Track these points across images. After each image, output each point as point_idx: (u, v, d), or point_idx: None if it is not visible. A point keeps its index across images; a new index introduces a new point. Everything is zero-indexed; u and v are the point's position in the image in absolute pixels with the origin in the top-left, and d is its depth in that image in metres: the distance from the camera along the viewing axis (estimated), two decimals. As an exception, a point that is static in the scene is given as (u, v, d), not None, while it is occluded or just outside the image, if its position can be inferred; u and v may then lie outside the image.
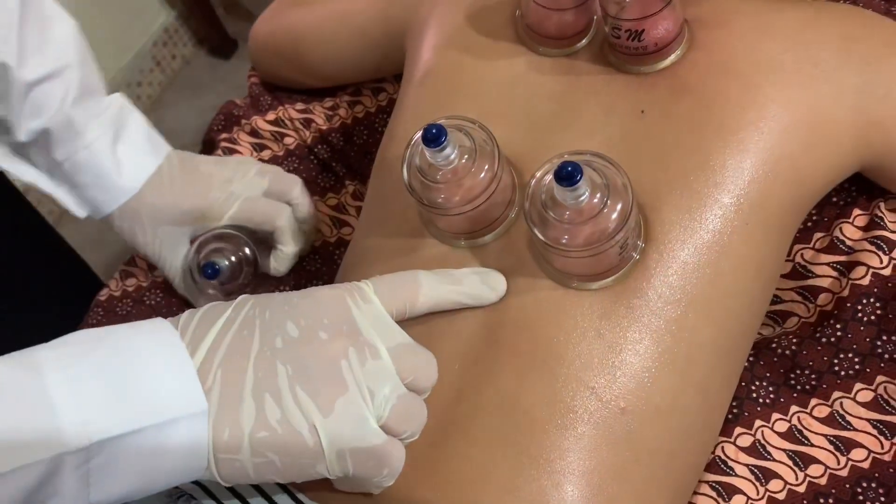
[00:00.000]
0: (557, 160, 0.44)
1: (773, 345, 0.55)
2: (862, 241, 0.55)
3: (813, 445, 0.52)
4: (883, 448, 0.51)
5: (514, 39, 0.56)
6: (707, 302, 0.47)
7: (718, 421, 0.52)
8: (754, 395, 0.54)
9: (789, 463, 0.52)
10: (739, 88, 0.49)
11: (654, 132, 0.50)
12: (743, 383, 0.54)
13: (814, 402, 0.53)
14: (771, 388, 0.54)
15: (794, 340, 0.55)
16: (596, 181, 0.44)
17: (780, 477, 0.52)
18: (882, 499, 0.50)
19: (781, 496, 0.52)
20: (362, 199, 0.73)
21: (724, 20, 0.52)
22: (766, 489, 0.52)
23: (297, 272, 0.71)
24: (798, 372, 0.54)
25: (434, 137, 0.44)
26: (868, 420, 0.52)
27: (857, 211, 0.56)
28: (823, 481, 0.51)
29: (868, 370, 0.53)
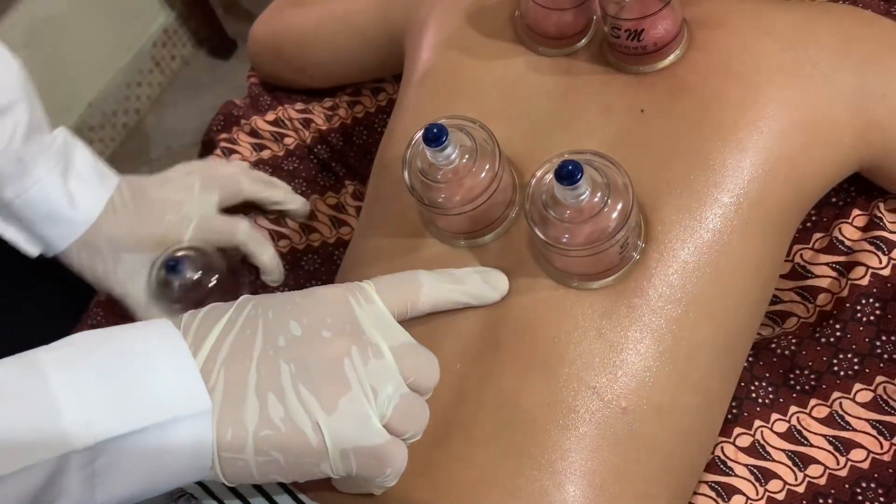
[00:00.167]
0: (558, 159, 0.44)
1: (773, 345, 0.55)
2: (861, 241, 0.55)
3: (812, 446, 0.52)
4: (882, 448, 0.51)
5: (514, 39, 0.56)
6: (707, 301, 0.47)
7: (718, 420, 0.52)
8: (753, 395, 0.54)
9: (788, 463, 0.52)
10: (738, 88, 0.49)
11: (654, 132, 0.50)
12: (742, 383, 0.54)
13: (813, 402, 0.53)
14: (770, 389, 0.54)
15: (794, 341, 0.55)
16: (596, 180, 0.44)
17: (779, 477, 0.52)
18: (881, 499, 0.50)
19: (781, 496, 0.52)
20: (362, 198, 0.73)
21: (724, 20, 0.52)
22: (766, 489, 0.52)
23: (295, 272, 0.71)
24: (797, 372, 0.54)
25: (435, 137, 0.44)
26: (867, 420, 0.52)
27: (856, 211, 0.56)
28: (823, 481, 0.51)
29: (867, 370, 0.53)
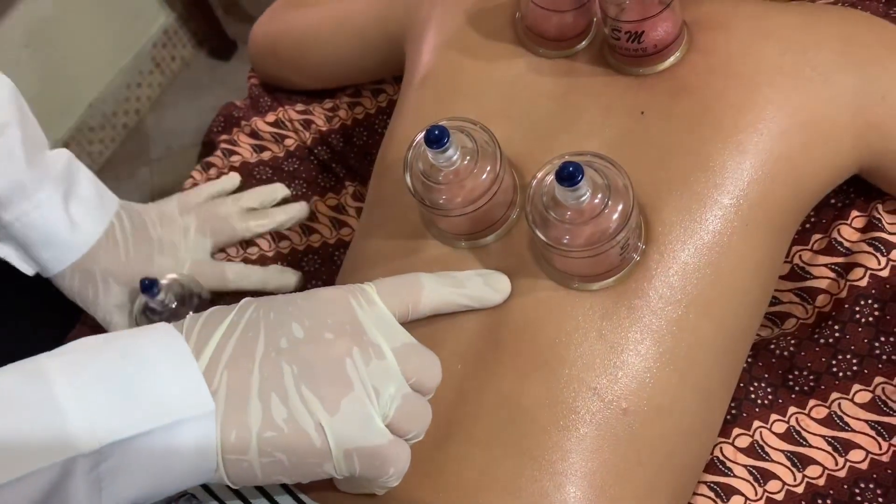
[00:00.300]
0: (558, 161, 0.44)
1: (772, 346, 0.55)
2: (860, 242, 0.55)
3: (811, 446, 0.52)
4: (881, 449, 0.51)
5: (514, 41, 0.56)
6: (707, 302, 0.47)
7: (718, 421, 0.52)
8: (753, 395, 0.55)
9: (787, 464, 0.52)
10: (738, 90, 0.49)
11: (654, 133, 0.50)
12: (741, 384, 0.55)
13: (812, 402, 0.53)
14: (769, 389, 0.55)
15: (793, 341, 0.55)
16: (597, 182, 0.44)
17: (778, 478, 0.52)
18: (880, 499, 0.50)
19: (779, 497, 0.52)
20: (362, 200, 0.73)
21: (724, 22, 0.52)
22: (765, 490, 0.52)
23: (296, 274, 0.71)
24: (796, 373, 0.54)
25: (437, 139, 0.44)
26: (866, 421, 0.52)
27: (855, 213, 0.56)
28: (821, 482, 0.51)
29: (866, 371, 0.53)
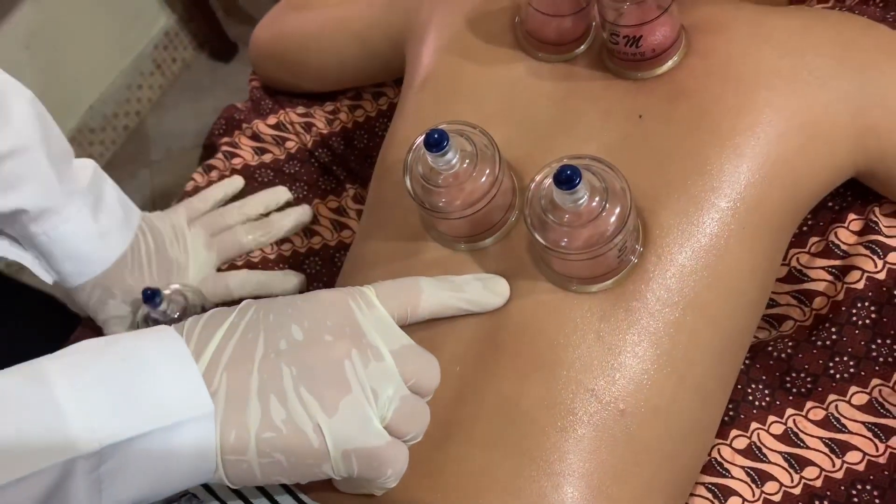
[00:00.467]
0: (557, 164, 0.44)
1: (769, 348, 0.56)
2: (857, 245, 0.55)
3: (808, 448, 0.53)
4: (877, 451, 0.51)
5: (514, 45, 0.56)
6: (704, 304, 0.48)
7: (715, 422, 0.52)
8: (750, 397, 0.55)
9: (785, 465, 0.52)
10: (736, 94, 0.49)
11: (652, 137, 0.50)
12: (739, 386, 0.55)
13: (809, 404, 0.53)
14: (767, 391, 0.55)
15: (790, 343, 0.55)
16: (595, 185, 0.44)
17: (775, 479, 0.52)
18: (876, 501, 0.50)
19: (777, 498, 0.52)
20: (363, 202, 0.73)
21: (721, 27, 0.52)
22: (762, 491, 0.52)
23: (297, 276, 0.71)
24: (794, 375, 0.54)
25: (436, 142, 0.45)
26: (863, 423, 0.52)
27: (851, 215, 0.56)
28: (818, 483, 0.52)
29: (863, 373, 0.53)
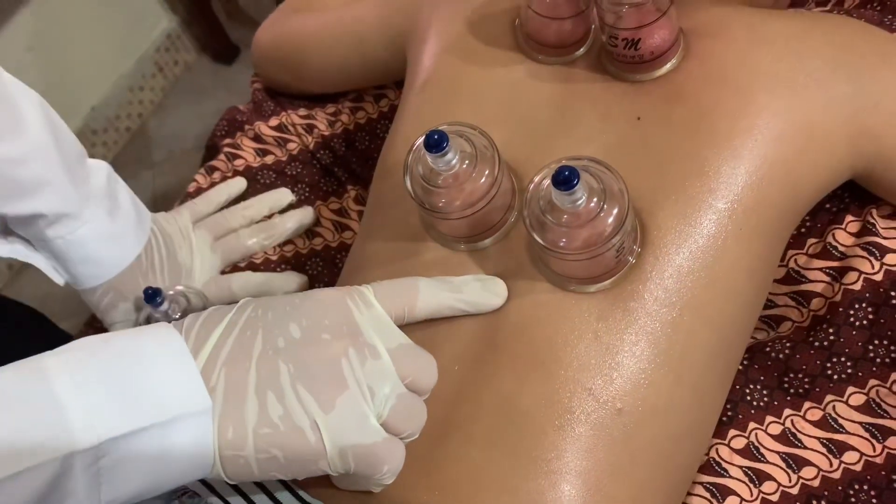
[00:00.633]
0: (555, 165, 0.44)
1: (767, 348, 0.56)
2: (854, 246, 0.55)
3: (806, 448, 0.53)
4: (875, 451, 0.52)
5: (514, 47, 0.57)
6: (702, 305, 0.48)
7: (712, 422, 0.52)
8: (748, 398, 0.55)
9: (782, 465, 0.53)
10: (733, 97, 0.50)
11: (650, 139, 0.50)
12: (737, 386, 0.55)
13: (807, 405, 0.54)
14: (765, 392, 0.55)
15: (788, 344, 0.56)
16: (593, 186, 0.44)
17: (773, 479, 0.52)
18: (874, 501, 0.50)
19: (775, 497, 0.52)
20: (364, 203, 0.73)
21: (719, 30, 0.53)
22: (760, 491, 0.52)
23: (298, 277, 0.71)
24: (791, 375, 0.55)
25: (436, 143, 0.45)
26: (860, 423, 0.52)
27: (849, 217, 0.56)
28: (816, 483, 0.52)
29: (860, 374, 0.53)
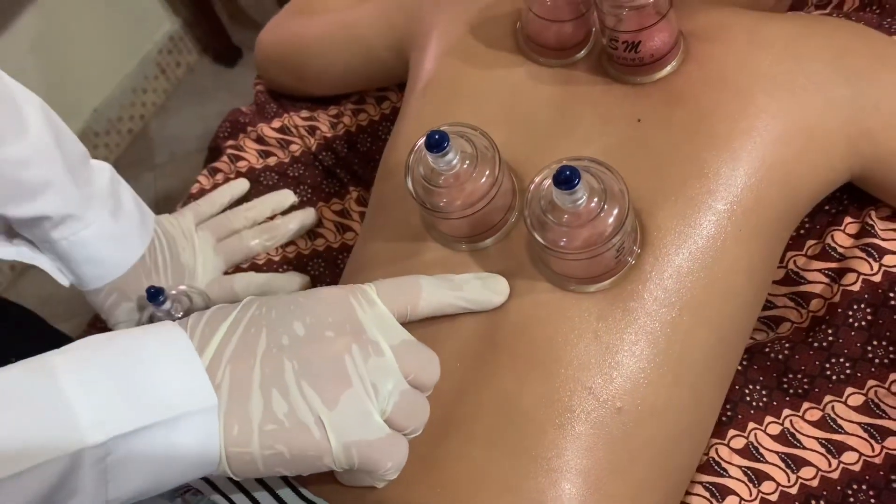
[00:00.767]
0: (556, 165, 0.45)
1: (767, 349, 0.56)
2: (853, 248, 0.56)
3: (805, 448, 0.53)
4: (873, 451, 0.52)
5: (515, 50, 0.57)
6: (701, 305, 0.48)
7: (710, 421, 0.52)
8: (748, 398, 0.55)
9: (781, 465, 0.53)
10: (732, 99, 0.50)
11: (650, 140, 0.51)
12: (737, 387, 0.55)
13: (806, 405, 0.54)
14: (764, 392, 0.55)
15: (787, 345, 0.56)
16: (593, 186, 0.45)
17: (772, 479, 0.53)
18: (872, 501, 0.51)
19: (774, 497, 0.52)
20: (366, 204, 0.74)
21: (719, 33, 0.53)
22: (759, 490, 0.53)
23: (300, 277, 0.72)
24: (791, 376, 0.55)
25: (437, 143, 0.46)
26: (859, 424, 0.52)
27: (848, 219, 0.57)
28: (815, 483, 0.52)
29: (859, 374, 0.53)
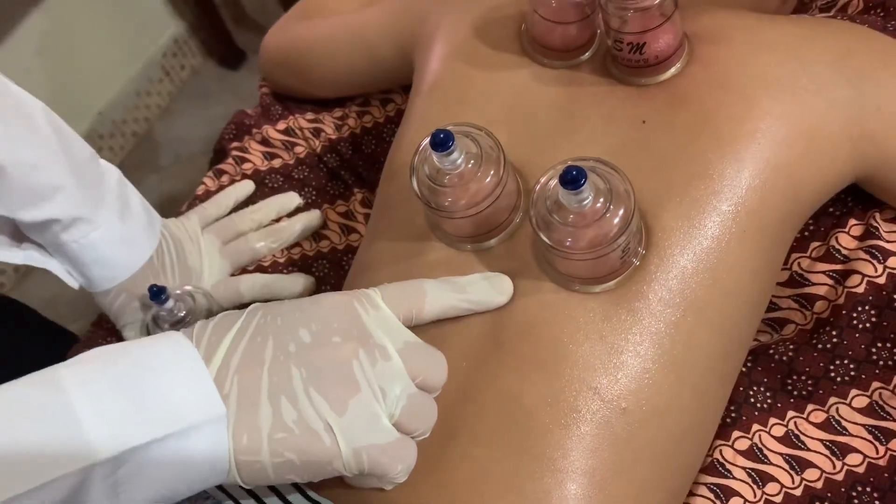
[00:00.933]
0: (562, 165, 0.45)
1: (771, 351, 0.56)
2: (857, 250, 0.56)
3: (809, 450, 0.53)
4: (878, 453, 0.52)
5: (520, 51, 0.57)
6: (705, 306, 0.48)
7: (714, 422, 0.52)
8: (752, 399, 0.55)
9: (786, 466, 0.53)
10: (737, 101, 0.50)
11: (654, 142, 0.51)
12: (741, 388, 0.55)
13: (810, 407, 0.54)
14: (768, 394, 0.55)
15: (791, 347, 0.56)
16: (599, 186, 0.45)
17: (776, 480, 0.53)
18: (876, 502, 0.51)
19: (778, 499, 0.52)
20: (370, 206, 0.74)
21: (723, 35, 0.53)
22: (763, 492, 0.53)
23: (304, 278, 0.72)
24: (795, 378, 0.55)
25: (442, 142, 0.46)
26: (863, 425, 0.52)
27: (852, 221, 0.57)
28: (819, 485, 0.52)
29: (863, 376, 0.53)
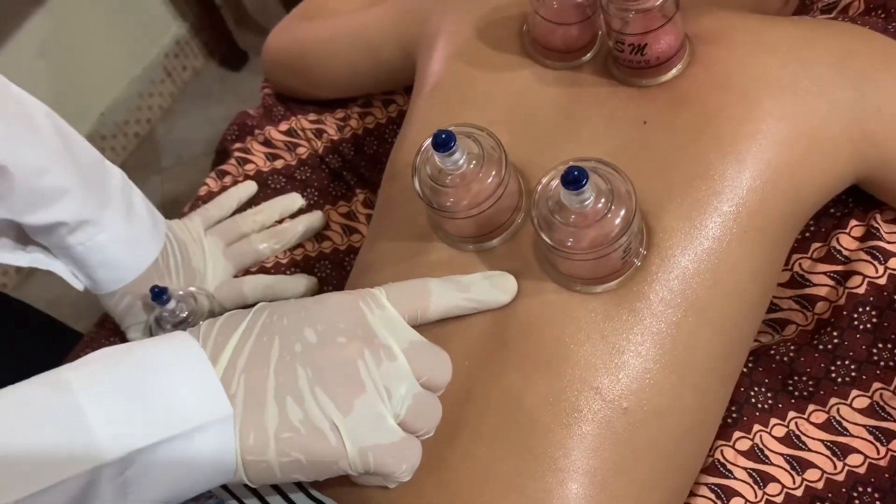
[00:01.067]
0: (563, 166, 0.45)
1: (772, 351, 0.56)
2: (858, 251, 0.56)
3: (810, 450, 0.53)
4: (879, 454, 0.52)
5: (521, 52, 0.57)
6: (706, 306, 0.48)
7: (715, 422, 0.53)
8: (753, 400, 0.55)
9: (787, 467, 0.53)
10: (738, 102, 0.50)
11: (656, 143, 0.51)
12: (742, 389, 0.55)
13: (811, 408, 0.54)
14: (769, 394, 0.55)
15: (792, 347, 0.56)
16: (601, 186, 0.45)
17: (777, 481, 0.53)
18: (877, 503, 0.51)
19: (779, 499, 0.52)
20: (372, 207, 0.74)
21: (725, 36, 0.53)
22: (764, 492, 0.53)
23: (307, 279, 0.72)
24: (796, 378, 0.55)
25: (444, 142, 0.46)
26: (864, 426, 0.53)
27: (853, 222, 0.57)
28: (820, 485, 0.52)
29: (864, 377, 0.53)
